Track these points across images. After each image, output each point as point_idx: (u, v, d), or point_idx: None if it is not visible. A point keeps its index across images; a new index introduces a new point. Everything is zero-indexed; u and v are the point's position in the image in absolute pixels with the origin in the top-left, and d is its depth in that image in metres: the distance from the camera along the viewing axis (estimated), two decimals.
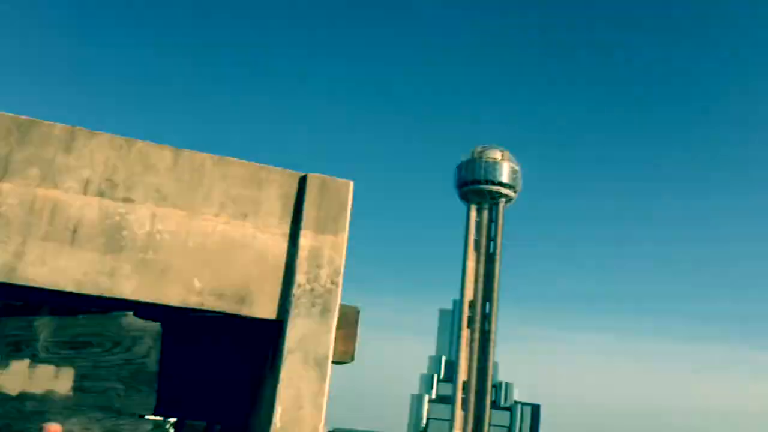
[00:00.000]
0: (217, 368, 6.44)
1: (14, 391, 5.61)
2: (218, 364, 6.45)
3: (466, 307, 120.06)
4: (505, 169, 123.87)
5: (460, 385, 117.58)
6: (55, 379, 5.71)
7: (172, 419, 6.32)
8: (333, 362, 5.90)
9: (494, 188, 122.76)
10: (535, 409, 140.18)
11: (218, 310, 5.72)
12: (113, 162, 5.69)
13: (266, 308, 5.84)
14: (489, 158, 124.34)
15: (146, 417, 5.82)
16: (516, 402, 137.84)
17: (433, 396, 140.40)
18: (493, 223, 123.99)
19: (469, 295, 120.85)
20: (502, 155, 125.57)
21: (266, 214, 5.97)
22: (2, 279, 5.28)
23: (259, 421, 5.97)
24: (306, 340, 5.80)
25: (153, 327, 5.94)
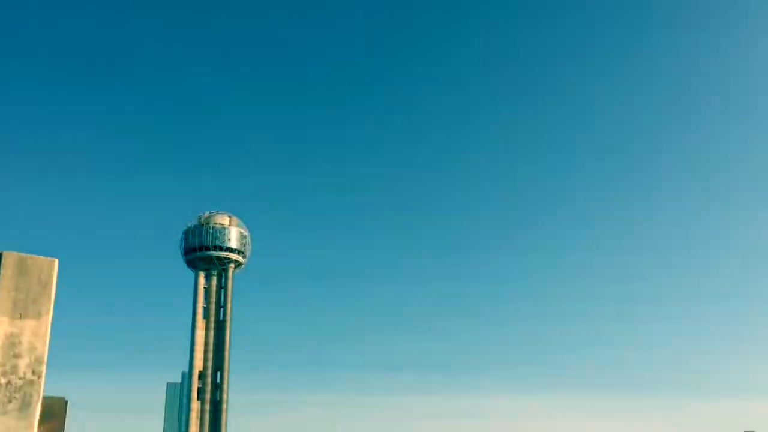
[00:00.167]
0: None
1: None
2: None
3: (195, 378, 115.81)
4: (234, 235, 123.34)
5: None
6: None
7: None
8: None
9: (223, 254, 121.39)
10: None
11: None
12: None
13: None
14: (217, 224, 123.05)
15: None
16: None
17: None
18: (223, 290, 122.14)
19: (198, 365, 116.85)
20: (230, 220, 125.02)
21: None
22: None
23: None
24: None
25: None
